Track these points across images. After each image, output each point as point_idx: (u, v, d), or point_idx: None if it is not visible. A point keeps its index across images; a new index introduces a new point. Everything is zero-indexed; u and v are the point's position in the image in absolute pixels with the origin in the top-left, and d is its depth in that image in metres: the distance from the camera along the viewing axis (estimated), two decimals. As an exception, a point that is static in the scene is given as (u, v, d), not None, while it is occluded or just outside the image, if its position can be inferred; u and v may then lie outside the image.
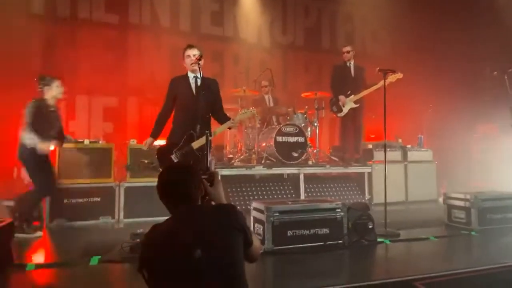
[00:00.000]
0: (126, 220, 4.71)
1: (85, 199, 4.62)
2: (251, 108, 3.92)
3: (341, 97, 6.00)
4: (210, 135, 3.46)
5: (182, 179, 1.69)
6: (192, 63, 3.62)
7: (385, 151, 4.53)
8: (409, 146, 6.53)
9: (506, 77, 4.75)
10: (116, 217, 4.74)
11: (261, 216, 3.37)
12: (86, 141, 4.81)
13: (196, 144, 3.50)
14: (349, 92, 6.01)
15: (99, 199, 4.68)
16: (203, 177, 1.84)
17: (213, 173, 1.91)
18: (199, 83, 3.67)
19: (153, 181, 4.62)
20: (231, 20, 8.04)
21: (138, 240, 3.20)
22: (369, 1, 8.61)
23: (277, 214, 3.30)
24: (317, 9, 8.89)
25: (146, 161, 4.69)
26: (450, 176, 6.42)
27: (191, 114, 3.48)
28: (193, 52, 3.68)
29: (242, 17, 8.10)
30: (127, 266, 2.99)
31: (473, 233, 3.99)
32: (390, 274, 2.91)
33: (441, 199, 4.92)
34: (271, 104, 6.54)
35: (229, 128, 3.84)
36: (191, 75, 3.72)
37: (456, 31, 7.87)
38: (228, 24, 8.03)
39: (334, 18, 9.02)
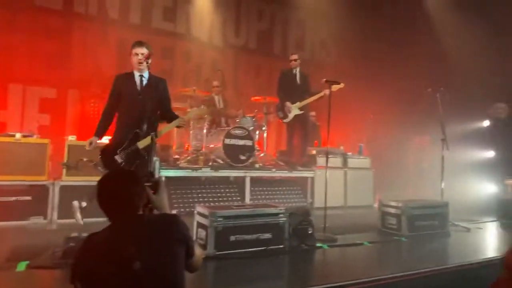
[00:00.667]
0: (60, 221, 4.43)
1: (14, 198, 4.27)
2: (202, 106, 3.89)
3: (287, 104, 6.16)
4: (156, 136, 3.39)
5: (124, 187, 1.62)
6: (139, 63, 3.52)
7: (327, 158, 4.72)
8: (349, 153, 6.85)
9: (437, 95, 5.17)
10: (49, 217, 4.44)
11: (205, 221, 3.35)
12: (18, 135, 4.45)
13: (141, 144, 3.41)
14: (294, 99, 6.20)
15: (30, 197, 4.35)
16: (146, 184, 1.79)
17: (157, 180, 1.87)
18: (144, 82, 3.57)
19: (92, 180, 4.44)
20: (184, 17, 7.89)
21: (72, 244, 3.02)
22: (320, 9, 8.87)
23: (221, 219, 3.31)
24: (271, 14, 9.01)
25: (85, 159, 4.46)
26: (386, 184, 6.84)
27: (136, 113, 3.37)
28: (141, 51, 3.56)
29: (195, 14, 7.98)
30: (59, 273, 2.81)
31: (403, 239, 4.28)
32: (327, 279, 3.03)
33: (376, 205, 5.23)
34: (221, 106, 6.52)
35: (178, 127, 3.76)
36: (136, 74, 3.60)
37: (397, 47, 8.41)
38: (181, 21, 7.87)
39: (287, 23, 9.21)
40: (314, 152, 6.67)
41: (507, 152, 6.66)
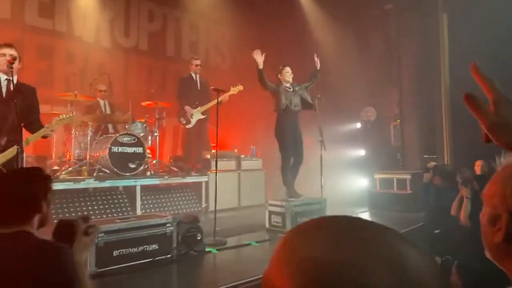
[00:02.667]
0: None
1: None
2: (70, 113, 3.64)
3: (187, 108, 6.19)
4: (21, 151, 3.08)
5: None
6: (5, 64, 3.16)
7: (216, 163, 4.86)
8: (243, 156, 7.13)
9: (316, 101, 5.70)
10: None
11: (83, 239, 3.16)
12: None
13: (1, 158, 3.05)
14: (196, 104, 6.25)
15: None
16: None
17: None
18: (11, 87, 3.23)
19: None
20: (64, 14, 7.22)
21: None
22: (213, 14, 9.01)
23: (102, 234, 3.16)
24: (162, 15, 8.78)
25: None
26: (277, 183, 7.28)
27: None
28: (10, 52, 3.24)
29: (78, 12, 7.35)
30: None
31: (286, 235, 4.64)
32: (217, 283, 3.13)
33: (266, 204, 5.54)
34: (107, 111, 6.18)
35: (44, 137, 3.40)
36: (2, 77, 3.25)
37: (279, 53, 9.00)
38: (60, 18, 7.18)
39: (180, 26, 9.08)
40: (208, 156, 6.77)
41: (376, 150, 7.70)
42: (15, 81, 3.26)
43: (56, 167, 5.26)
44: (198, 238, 3.81)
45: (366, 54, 7.56)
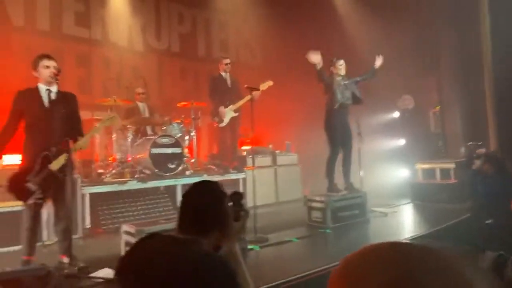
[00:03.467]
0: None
1: None
2: (112, 115, 3.75)
3: (221, 108, 6.26)
4: (69, 152, 3.22)
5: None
6: (51, 76, 3.30)
7: (253, 159, 4.85)
8: (278, 151, 7.11)
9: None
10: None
11: (132, 240, 3.27)
12: None
13: (55, 165, 3.19)
14: (227, 102, 6.30)
15: None
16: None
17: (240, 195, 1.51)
18: (53, 97, 3.35)
19: (5, 206, 4.08)
20: (99, 22, 7.47)
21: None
22: (241, 11, 9.01)
23: (149, 235, 3.25)
24: (192, 16, 8.90)
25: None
26: (314, 178, 7.21)
27: (43, 133, 3.16)
28: (53, 64, 3.36)
29: (111, 19, 7.59)
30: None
31: (327, 230, 4.58)
32: (261, 280, 3.14)
33: (305, 200, 5.50)
34: (146, 113, 6.35)
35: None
36: (43, 88, 3.36)
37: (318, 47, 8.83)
38: (96, 26, 7.44)
39: (209, 26, 9.17)
40: (244, 153, 6.81)
41: (416, 139, 7.43)
42: (56, 91, 3.40)
43: (101, 170, 5.48)
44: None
45: (401, 40, 7.25)
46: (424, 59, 7.56)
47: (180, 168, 5.66)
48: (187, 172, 5.91)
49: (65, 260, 3.23)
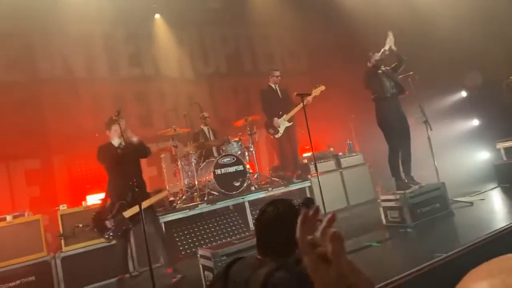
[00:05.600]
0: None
1: (18, 282, 4.19)
2: (163, 191, 4.16)
3: (275, 119, 6.28)
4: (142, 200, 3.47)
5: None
6: (120, 136, 3.81)
7: (315, 165, 4.72)
8: (340, 153, 6.88)
9: (409, 80, 5.24)
10: (57, 292, 4.37)
11: (209, 263, 3.32)
12: (9, 217, 4.40)
13: (128, 213, 3.58)
14: (280, 113, 6.31)
15: (33, 277, 4.26)
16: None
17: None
18: (122, 147, 3.88)
19: (93, 244, 4.41)
20: (150, 59, 7.92)
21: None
22: (280, 21, 9.01)
23: (225, 257, 3.28)
24: (234, 36, 9.08)
25: (80, 225, 4.42)
26: (384, 175, 6.85)
27: (120, 181, 3.55)
28: (123, 122, 3.84)
29: (160, 54, 8.02)
30: None
31: (409, 230, 4.27)
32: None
33: (379, 200, 5.22)
34: (211, 136, 6.56)
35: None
36: (116, 142, 3.93)
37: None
38: (147, 63, 7.90)
39: (251, 41, 9.29)
40: (305, 161, 6.69)
41: (491, 116, 6.74)
42: (123, 142, 3.88)
43: (172, 198, 5.70)
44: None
45: (458, 9, 6.59)
46: (489, 29, 6.84)
47: (245, 184, 5.71)
48: (252, 188, 5.94)
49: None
